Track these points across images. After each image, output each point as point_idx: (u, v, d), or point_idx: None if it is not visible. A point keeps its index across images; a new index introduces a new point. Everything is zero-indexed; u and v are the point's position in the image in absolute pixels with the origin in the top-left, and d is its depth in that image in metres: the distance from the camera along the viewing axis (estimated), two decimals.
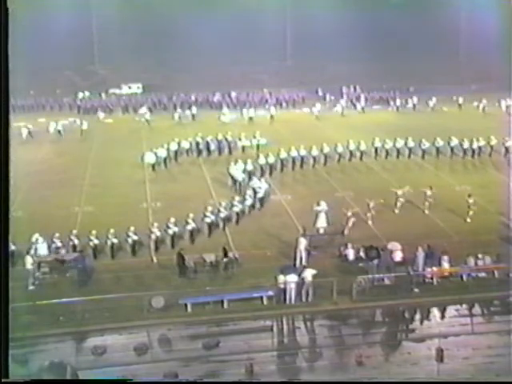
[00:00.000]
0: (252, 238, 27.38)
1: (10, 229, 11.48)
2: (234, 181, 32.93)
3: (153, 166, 37.46)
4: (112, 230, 25.41)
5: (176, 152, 39.25)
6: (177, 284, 22.86)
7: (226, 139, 40.57)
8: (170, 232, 26.06)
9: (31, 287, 22.71)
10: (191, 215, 26.94)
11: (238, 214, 28.69)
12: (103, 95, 62.47)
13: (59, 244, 24.90)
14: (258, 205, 30.40)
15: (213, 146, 40.06)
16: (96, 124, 51.19)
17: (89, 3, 67.99)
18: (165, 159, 38.43)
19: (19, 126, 44.78)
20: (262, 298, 21.85)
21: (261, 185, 31.22)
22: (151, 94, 61.38)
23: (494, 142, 39.12)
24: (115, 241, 25.34)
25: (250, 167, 34.22)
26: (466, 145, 39.34)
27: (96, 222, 28.31)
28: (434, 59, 66.43)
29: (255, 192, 30.54)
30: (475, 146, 39.23)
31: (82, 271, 23.22)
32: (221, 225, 27.89)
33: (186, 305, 21.42)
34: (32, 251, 23.66)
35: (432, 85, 61.79)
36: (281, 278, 21.92)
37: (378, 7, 68.05)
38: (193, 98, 58.78)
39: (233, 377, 17.88)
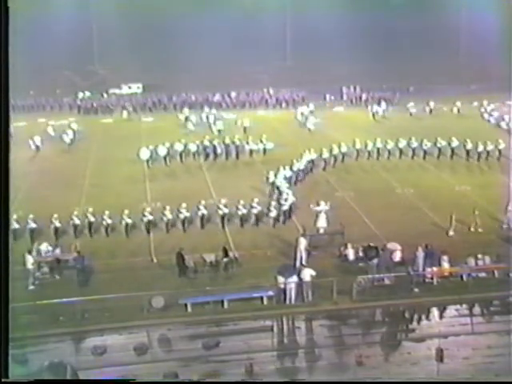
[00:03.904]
0: (252, 238, 27.40)
1: (9, 229, 11.49)
2: (279, 191, 31.14)
3: (147, 162, 37.79)
4: (127, 211, 27.38)
5: (181, 153, 39.25)
6: (177, 284, 22.87)
7: (234, 143, 40.11)
8: (181, 216, 27.78)
9: (31, 287, 22.77)
10: (203, 202, 28.42)
11: (256, 216, 28.54)
12: (103, 95, 62.39)
13: (77, 221, 27.06)
14: (282, 218, 28.80)
15: (219, 150, 39.65)
16: (96, 124, 51.32)
17: (89, 3, 67.93)
18: (164, 157, 38.57)
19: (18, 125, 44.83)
20: (261, 298, 21.87)
21: (287, 196, 29.52)
22: (151, 93, 61.35)
23: (502, 145, 38.40)
24: (129, 221, 27.30)
25: (289, 174, 33.16)
26: (469, 146, 38.63)
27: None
28: (434, 59, 66.36)
29: (280, 204, 29.14)
30: (481, 148, 38.34)
31: (81, 271, 23.24)
32: (237, 222, 28.41)
33: (186, 305, 21.44)
34: (34, 252, 23.69)
35: (432, 85, 61.76)
36: (280, 278, 21.93)
37: (378, 7, 67.97)
38: (193, 98, 58.72)
39: (233, 377, 17.90)
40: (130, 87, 65.50)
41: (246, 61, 66.82)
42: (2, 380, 11.25)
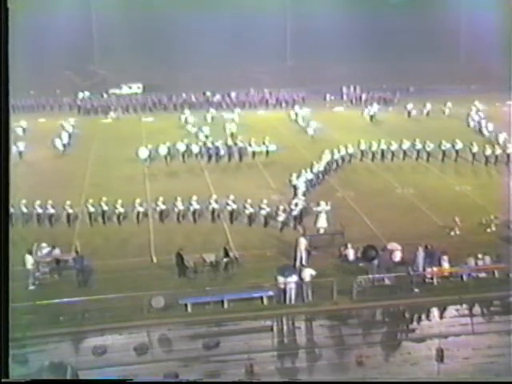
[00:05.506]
0: (252, 238, 27.40)
1: (9, 229, 11.50)
2: (301, 191, 30.82)
3: (145, 161, 37.98)
4: (138, 200, 29.24)
5: (183, 153, 39.34)
6: (177, 284, 22.87)
7: (236, 144, 39.95)
8: (192, 209, 29.13)
9: (31, 287, 22.78)
10: (214, 196, 29.53)
11: (265, 217, 28.60)
12: (103, 95, 62.40)
13: (92, 209, 28.88)
14: (292, 223, 28.36)
15: (222, 152, 39.45)
16: (96, 124, 51.37)
17: (89, 3, 67.99)
18: (165, 157, 38.72)
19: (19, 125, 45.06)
20: (261, 298, 21.87)
21: (298, 201, 29.00)
22: (151, 93, 61.35)
23: (511, 149, 37.89)
24: (141, 209, 29.17)
25: (310, 176, 32.93)
26: (474, 149, 38.16)
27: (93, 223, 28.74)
28: (434, 59, 66.38)
29: (291, 209, 28.73)
30: (489, 152, 37.76)
31: (80, 271, 23.24)
32: (244, 221, 28.80)
33: (186, 305, 21.45)
34: (33, 252, 23.68)
35: (432, 85, 61.72)
36: (280, 278, 21.94)
37: (378, 7, 68.01)
38: (193, 98, 58.73)
39: (233, 377, 17.89)
40: (130, 87, 65.42)
41: (245, 61, 66.84)
42: (2, 380, 11.26)
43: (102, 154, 41.06)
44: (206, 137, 42.47)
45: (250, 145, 39.81)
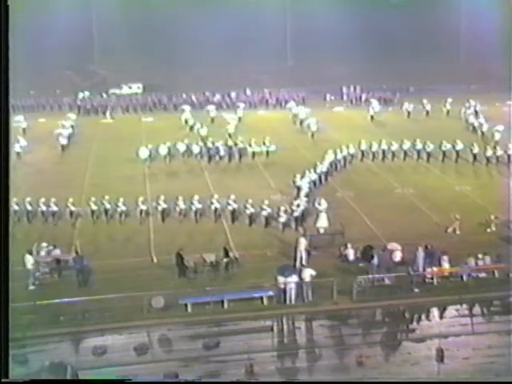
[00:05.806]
0: (252, 237, 27.39)
1: (9, 229, 11.51)
2: (304, 192, 30.75)
3: (145, 161, 38.00)
4: (141, 198, 29.83)
5: (183, 154, 39.39)
6: (177, 284, 22.87)
7: (236, 145, 39.85)
8: (193, 208, 29.38)
9: (31, 287, 22.77)
10: (216, 196, 29.65)
11: (266, 218, 28.61)
12: (103, 95, 62.38)
13: (94, 207, 29.34)
14: (293, 224, 28.04)
15: (222, 152, 39.36)
16: (96, 124, 51.38)
17: (89, 3, 68.00)
18: (165, 157, 38.74)
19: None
20: (262, 298, 21.87)
21: (299, 202, 28.88)
22: (151, 93, 61.35)
23: (511, 150, 37.62)
24: (144, 208, 29.65)
25: (314, 177, 32.94)
26: (475, 150, 37.99)
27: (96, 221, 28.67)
28: (434, 59, 66.38)
29: (292, 210, 28.52)
30: (489, 153, 37.57)
31: (80, 271, 23.23)
32: (246, 221, 28.84)
33: (186, 305, 21.45)
34: (33, 252, 23.67)
35: (432, 85, 61.71)
36: (280, 278, 21.93)
37: (379, 7, 68.03)
38: (193, 97, 58.72)
39: (233, 377, 17.89)
40: (130, 87, 65.43)
41: (246, 61, 66.84)
42: (2, 380, 11.26)
43: (102, 154, 41.05)
44: (202, 138, 42.20)
45: (250, 145, 39.71)
